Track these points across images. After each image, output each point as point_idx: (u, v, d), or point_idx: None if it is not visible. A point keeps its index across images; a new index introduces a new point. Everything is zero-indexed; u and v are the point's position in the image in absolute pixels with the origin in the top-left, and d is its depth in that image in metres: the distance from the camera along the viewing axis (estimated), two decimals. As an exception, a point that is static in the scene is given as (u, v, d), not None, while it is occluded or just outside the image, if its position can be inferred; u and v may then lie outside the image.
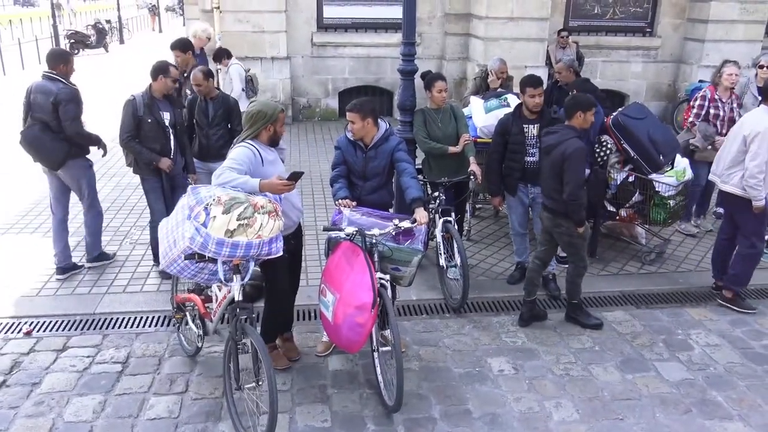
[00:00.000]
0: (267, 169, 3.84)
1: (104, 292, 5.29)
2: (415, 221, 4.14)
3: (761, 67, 6.74)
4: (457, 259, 5.06)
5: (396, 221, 4.16)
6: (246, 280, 3.67)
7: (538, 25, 10.59)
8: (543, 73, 10.00)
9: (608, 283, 5.62)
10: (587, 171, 5.21)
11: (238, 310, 3.62)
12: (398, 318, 4.95)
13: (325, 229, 4.22)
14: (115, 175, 8.31)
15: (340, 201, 4.35)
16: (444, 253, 5.21)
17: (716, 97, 6.28)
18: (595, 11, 11.54)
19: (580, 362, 4.50)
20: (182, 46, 6.72)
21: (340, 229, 4.09)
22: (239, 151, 3.82)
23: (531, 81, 5.03)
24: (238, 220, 3.43)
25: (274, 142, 3.98)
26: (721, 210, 7.18)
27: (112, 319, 4.91)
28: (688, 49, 11.50)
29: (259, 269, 4.15)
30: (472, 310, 5.19)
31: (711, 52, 10.62)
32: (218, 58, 8.01)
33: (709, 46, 10.95)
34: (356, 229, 4.04)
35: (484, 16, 10.53)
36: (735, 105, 6.35)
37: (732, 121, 6.36)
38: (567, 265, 5.84)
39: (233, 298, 3.66)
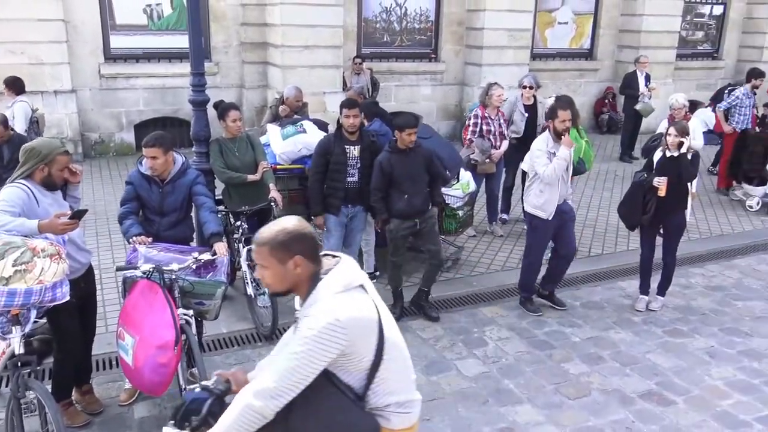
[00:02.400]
0: (44, 210, 3.57)
1: None
2: (215, 253, 4.10)
3: (524, 87, 7.63)
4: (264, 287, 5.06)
5: (195, 254, 4.09)
6: (27, 330, 3.37)
7: (333, 53, 10.98)
8: (340, 99, 10.37)
9: (411, 293, 5.93)
10: None
11: (19, 364, 3.31)
12: (209, 353, 4.84)
13: (119, 269, 4.03)
14: None
15: (134, 238, 4.18)
16: (251, 282, 5.18)
17: (486, 114, 7.01)
18: (385, 39, 12.25)
19: (390, 371, 4.71)
20: None
21: (136, 267, 3.92)
22: (9, 192, 3.53)
23: (345, 103, 5.31)
24: (13, 266, 3.16)
25: (49, 186, 3.69)
26: (505, 216, 7.97)
27: None
28: (469, 72, 12.64)
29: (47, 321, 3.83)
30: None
31: (487, 75, 11.73)
32: (10, 86, 7.35)
33: (486, 69, 12.12)
34: (153, 265, 3.90)
35: (280, 44, 10.70)
36: (502, 121, 7.14)
37: (502, 135, 7.13)
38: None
39: (13, 352, 3.34)
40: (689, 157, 5.36)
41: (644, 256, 5.81)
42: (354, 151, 5.32)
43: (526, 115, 7.48)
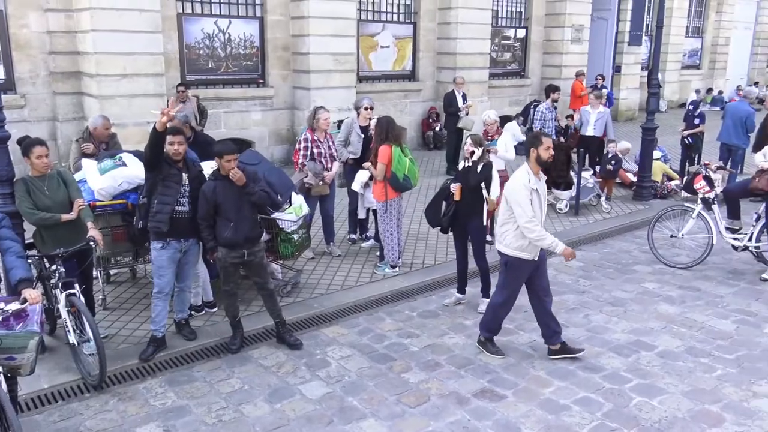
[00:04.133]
0: None
1: None
2: (25, 301, 3.76)
3: (366, 108, 7.80)
4: (89, 333, 4.73)
5: (1, 305, 3.72)
6: None
7: (155, 81, 10.57)
8: (166, 128, 10.00)
9: (252, 322, 5.83)
10: None
11: None
12: (27, 413, 4.42)
13: None
14: None
15: None
16: (74, 329, 4.81)
17: (315, 138, 7.13)
18: (210, 65, 12.01)
19: (232, 405, 4.59)
20: None
21: (-73, 328, 3.49)
22: None
23: (169, 130, 5.09)
24: None
25: None
26: (354, 236, 8.11)
27: None
28: (298, 96, 12.77)
29: None
30: (116, 382, 4.89)
31: (317, 99, 11.93)
32: None
33: (314, 93, 12.32)
34: (-52, 323, 3.49)
35: (95, 73, 10.10)
36: (331, 143, 7.29)
37: (332, 157, 7.28)
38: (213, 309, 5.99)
39: None
40: (479, 165, 5.94)
41: (458, 259, 6.35)
42: (185, 178, 5.17)
43: (363, 136, 7.70)
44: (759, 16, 26.99)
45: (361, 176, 7.36)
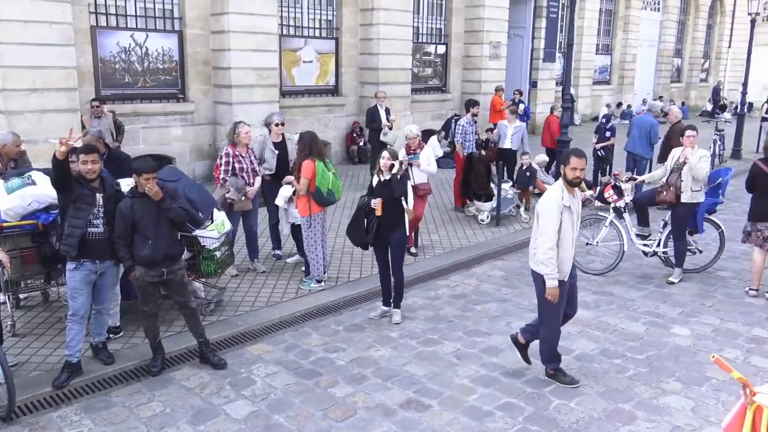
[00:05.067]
0: None
1: None
2: None
3: (277, 124, 7.77)
4: (-5, 361, 4.48)
5: None
6: None
7: (67, 96, 10.17)
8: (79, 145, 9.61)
9: (174, 343, 5.68)
10: None
11: None
12: (-73, 450, 4.13)
13: None
14: None
15: None
16: (-21, 359, 4.54)
17: (237, 153, 7.06)
18: (126, 80, 11.67)
19: (153, 429, 4.45)
20: None
21: None
22: None
23: (82, 148, 4.95)
24: None
25: None
26: (279, 252, 8.03)
27: None
28: (220, 111, 12.58)
29: None
30: (27, 411, 4.64)
31: (239, 114, 11.81)
32: None
33: (237, 108, 12.17)
34: None
35: (1, 88, 9.62)
36: (253, 158, 7.24)
37: (254, 172, 7.22)
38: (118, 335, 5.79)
39: None
40: (398, 176, 6.11)
41: (381, 273, 6.42)
42: (98, 199, 4.99)
43: (276, 152, 7.65)
44: (662, 35, 28.74)
45: (285, 191, 7.33)
